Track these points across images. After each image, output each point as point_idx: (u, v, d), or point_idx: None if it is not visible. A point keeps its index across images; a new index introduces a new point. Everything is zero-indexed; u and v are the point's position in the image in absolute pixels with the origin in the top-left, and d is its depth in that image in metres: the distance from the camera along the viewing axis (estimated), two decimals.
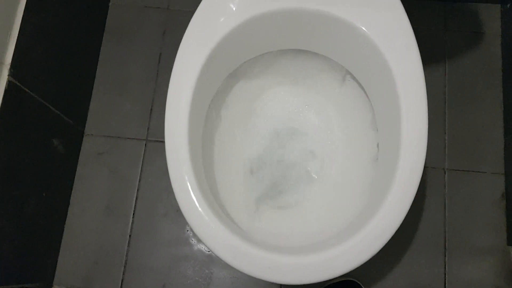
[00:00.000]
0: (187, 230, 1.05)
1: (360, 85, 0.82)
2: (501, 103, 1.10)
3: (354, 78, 0.83)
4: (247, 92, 0.88)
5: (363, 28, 0.70)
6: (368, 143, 0.82)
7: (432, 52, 1.14)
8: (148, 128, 1.12)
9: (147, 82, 1.15)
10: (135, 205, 1.07)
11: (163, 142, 0.69)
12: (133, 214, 1.07)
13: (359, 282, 0.97)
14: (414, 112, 0.66)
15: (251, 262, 0.63)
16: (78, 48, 1.07)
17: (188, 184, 0.65)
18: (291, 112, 0.91)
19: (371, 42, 0.69)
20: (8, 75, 0.80)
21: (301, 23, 0.75)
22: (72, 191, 1.09)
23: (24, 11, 0.83)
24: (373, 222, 0.64)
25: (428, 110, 0.68)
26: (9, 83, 0.80)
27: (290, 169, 0.89)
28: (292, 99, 0.91)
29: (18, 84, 0.83)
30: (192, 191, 0.65)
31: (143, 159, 1.10)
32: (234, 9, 0.72)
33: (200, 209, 0.64)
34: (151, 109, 1.13)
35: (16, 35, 0.82)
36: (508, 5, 1.13)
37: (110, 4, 1.21)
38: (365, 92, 0.81)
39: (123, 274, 1.04)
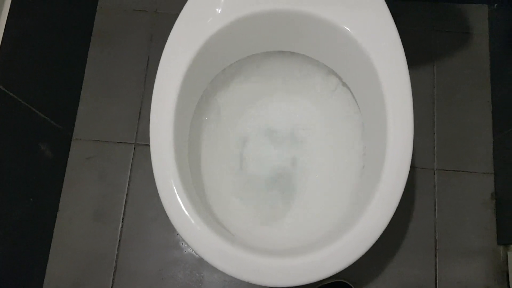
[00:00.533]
0: (177, 234, 1.05)
1: (347, 87, 0.82)
2: (490, 103, 1.10)
3: (339, 78, 0.83)
4: (234, 94, 0.88)
5: (347, 29, 0.70)
6: (356, 146, 0.82)
7: (420, 53, 1.14)
8: (136, 132, 1.11)
9: (135, 85, 1.14)
10: (124, 210, 1.07)
11: None
12: (123, 218, 1.06)
13: (349, 284, 0.97)
14: (400, 112, 0.66)
15: (238, 265, 0.63)
16: (65, 52, 1.06)
17: (174, 187, 0.65)
18: (279, 114, 0.91)
19: (355, 43, 0.69)
20: None
21: (286, 25, 0.75)
22: (61, 196, 1.08)
23: (8, 16, 0.82)
24: (360, 223, 0.64)
25: (417, 110, 0.68)
26: None
27: (279, 171, 0.89)
28: (280, 102, 0.91)
29: (3, 89, 0.83)
30: (178, 195, 0.65)
31: (132, 163, 1.09)
32: (219, 11, 0.72)
33: (186, 212, 0.64)
34: (140, 113, 1.12)
35: (0, 40, 0.81)
36: (495, 5, 1.14)
37: (97, 7, 1.20)
38: (352, 93, 0.81)
39: (113, 279, 1.03)
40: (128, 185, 1.08)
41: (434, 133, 1.09)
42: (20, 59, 0.88)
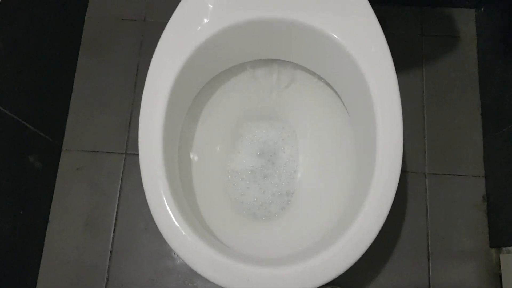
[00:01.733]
0: None
1: (336, 93, 0.82)
2: (479, 106, 1.11)
3: (330, 86, 0.83)
4: (224, 101, 0.88)
5: (335, 36, 0.70)
6: (346, 154, 0.82)
7: (409, 57, 1.15)
8: (127, 142, 1.11)
9: (125, 95, 1.14)
10: (115, 220, 1.06)
11: None
12: (114, 229, 1.05)
13: None
14: (389, 117, 0.66)
15: (230, 275, 0.62)
16: (54, 62, 1.05)
17: (164, 198, 0.64)
18: (268, 123, 0.91)
19: (343, 50, 0.69)
20: None
21: (274, 33, 0.75)
22: (51, 208, 1.07)
23: None
24: (353, 229, 0.63)
25: (407, 115, 0.68)
26: None
27: (270, 180, 0.88)
28: (270, 110, 0.91)
29: None
30: (168, 205, 0.64)
31: (122, 173, 1.08)
32: (207, 20, 0.71)
33: (176, 223, 0.63)
34: (130, 122, 1.12)
35: None
36: (482, 9, 1.15)
37: (86, 17, 1.20)
38: (341, 100, 0.81)
39: None
40: (119, 195, 1.07)
41: (424, 137, 1.09)
42: (6, 71, 0.87)
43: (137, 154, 1.08)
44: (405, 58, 1.14)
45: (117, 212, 1.06)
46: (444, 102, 1.11)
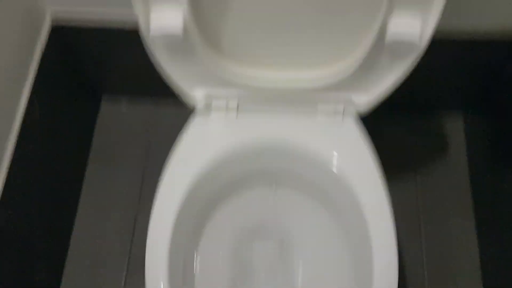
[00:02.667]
0: None
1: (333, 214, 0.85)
2: (473, 216, 1.10)
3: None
4: (224, 221, 0.90)
5: (329, 161, 0.75)
6: (344, 278, 0.83)
7: (401, 167, 1.15)
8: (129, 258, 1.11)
9: (128, 210, 1.14)
10: None
11: None
12: None
13: None
14: (384, 243, 0.69)
15: None
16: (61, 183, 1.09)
17: None
18: (269, 240, 0.92)
19: (335, 175, 0.74)
20: None
21: (275, 157, 0.81)
22: None
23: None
24: None
25: (403, 227, 0.70)
26: None
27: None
28: (269, 227, 0.93)
29: None
30: None
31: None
32: (209, 148, 0.77)
33: None
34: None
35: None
36: (469, 113, 1.16)
37: (94, 132, 1.22)
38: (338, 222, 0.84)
39: None
40: None
41: (421, 250, 1.08)
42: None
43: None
44: (396, 169, 1.14)
45: None
46: (439, 214, 1.11)
